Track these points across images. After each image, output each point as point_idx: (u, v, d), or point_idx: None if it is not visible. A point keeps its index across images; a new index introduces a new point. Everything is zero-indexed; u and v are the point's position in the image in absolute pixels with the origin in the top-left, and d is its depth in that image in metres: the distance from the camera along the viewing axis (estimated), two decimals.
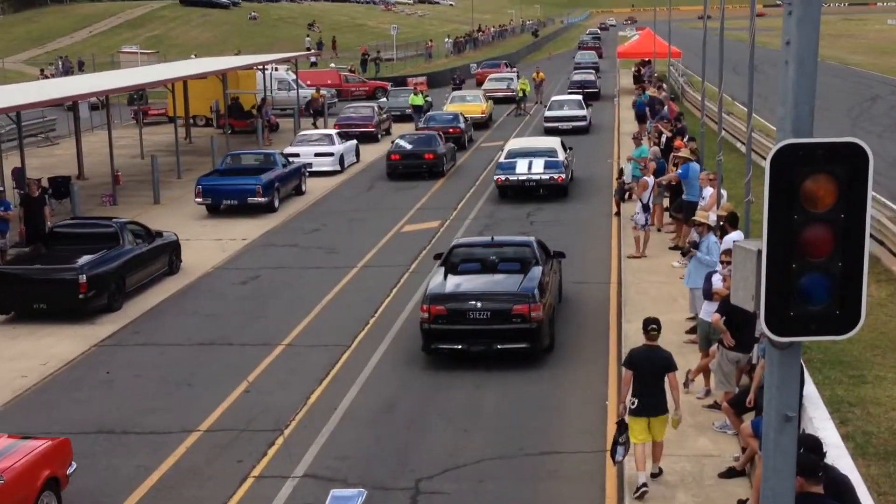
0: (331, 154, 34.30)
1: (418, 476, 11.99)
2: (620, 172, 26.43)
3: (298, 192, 30.50)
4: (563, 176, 28.39)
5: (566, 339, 16.64)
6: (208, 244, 24.11)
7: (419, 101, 45.87)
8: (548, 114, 42.20)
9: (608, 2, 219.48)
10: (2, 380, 15.59)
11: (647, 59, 57.32)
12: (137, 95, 46.66)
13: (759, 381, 10.72)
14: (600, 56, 78.46)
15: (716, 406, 12.78)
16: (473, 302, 15.67)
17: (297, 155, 33.04)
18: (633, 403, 11.12)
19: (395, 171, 32.78)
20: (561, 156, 29.04)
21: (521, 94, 50.57)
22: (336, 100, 52.46)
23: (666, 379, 11.19)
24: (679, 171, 21.02)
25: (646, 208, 20.98)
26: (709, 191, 18.93)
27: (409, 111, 45.92)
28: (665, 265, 19.88)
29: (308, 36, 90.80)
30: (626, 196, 25.49)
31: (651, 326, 11.45)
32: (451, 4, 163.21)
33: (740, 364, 12.41)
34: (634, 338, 15.78)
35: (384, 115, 43.58)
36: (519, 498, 11.50)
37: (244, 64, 45.35)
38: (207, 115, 45.09)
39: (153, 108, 48.83)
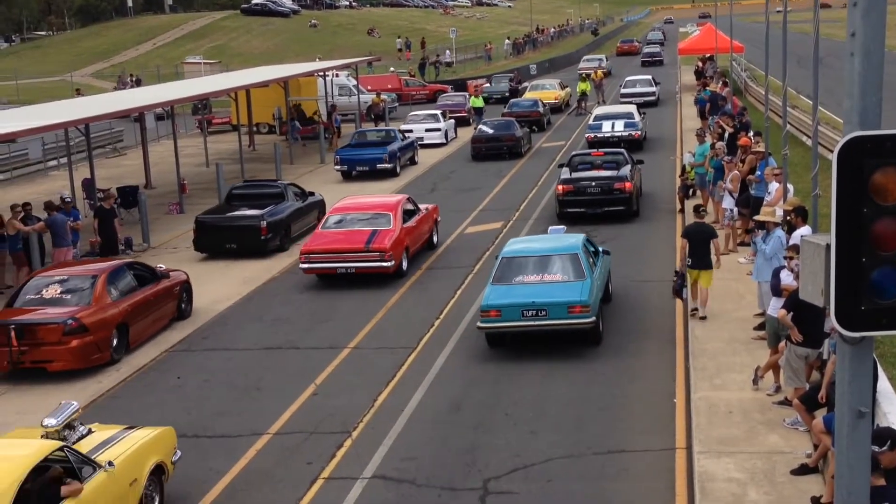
0: (438, 129, 41.08)
1: (486, 476, 12.02)
2: (683, 170, 26.28)
3: (412, 162, 36.26)
4: (639, 133, 36.10)
5: (631, 336, 16.57)
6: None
7: (479, 103, 46.49)
8: (623, 91, 50.33)
9: None
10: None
11: (709, 55, 56.69)
12: (201, 105, 47.39)
13: (831, 376, 10.59)
14: (665, 36, 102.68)
15: (786, 403, 12.63)
16: (589, 182, 24.91)
17: (410, 131, 39.20)
18: (688, 261, 16.39)
19: (479, 153, 36.95)
20: (637, 118, 37.00)
21: (580, 94, 50.41)
22: (396, 104, 52.78)
23: (711, 244, 16.48)
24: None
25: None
26: (774, 185, 18.68)
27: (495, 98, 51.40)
28: (732, 261, 19.64)
29: (399, 37, 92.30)
30: (691, 192, 25.27)
31: (701, 209, 18.05)
32: (509, 6, 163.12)
33: (809, 359, 12.25)
34: (702, 336, 15.70)
35: None
36: (588, 497, 11.47)
37: (305, 71, 45.79)
38: (270, 122, 45.62)
39: (217, 116, 49.48)
